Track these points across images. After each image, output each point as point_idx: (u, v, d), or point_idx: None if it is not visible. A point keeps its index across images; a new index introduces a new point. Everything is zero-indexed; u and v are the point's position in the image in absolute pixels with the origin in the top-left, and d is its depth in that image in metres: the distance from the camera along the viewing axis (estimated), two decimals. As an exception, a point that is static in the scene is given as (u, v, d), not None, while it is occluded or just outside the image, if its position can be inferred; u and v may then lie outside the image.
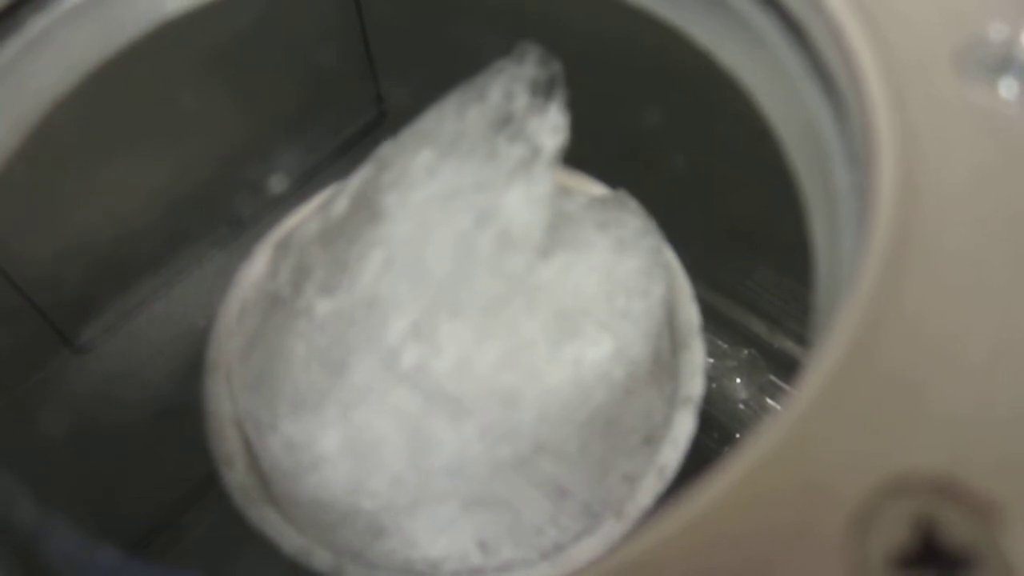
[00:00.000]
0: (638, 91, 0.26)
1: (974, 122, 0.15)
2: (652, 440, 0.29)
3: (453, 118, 0.28)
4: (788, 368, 0.39)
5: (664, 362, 0.30)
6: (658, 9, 0.21)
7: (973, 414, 0.13)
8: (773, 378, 0.41)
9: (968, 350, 0.14)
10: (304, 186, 0.36)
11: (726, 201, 0.31)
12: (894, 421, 0.13)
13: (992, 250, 0.14)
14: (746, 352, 0.41)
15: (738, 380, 0.41)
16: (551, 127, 0.25)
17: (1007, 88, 0.15)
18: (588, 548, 0.28)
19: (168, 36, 0.24)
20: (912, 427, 0.13)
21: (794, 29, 0.18)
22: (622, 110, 0.28)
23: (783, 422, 0.14)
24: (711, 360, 0.41)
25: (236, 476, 0.29)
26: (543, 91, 0.27)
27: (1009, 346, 0.14)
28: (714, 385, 0.41)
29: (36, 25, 0.19)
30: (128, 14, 0.21)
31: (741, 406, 0.41)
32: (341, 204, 0.30)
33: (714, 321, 0.41)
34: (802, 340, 0.37)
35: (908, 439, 0.13)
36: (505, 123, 0.27)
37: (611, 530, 0.28)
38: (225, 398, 0.31)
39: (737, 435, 0.41)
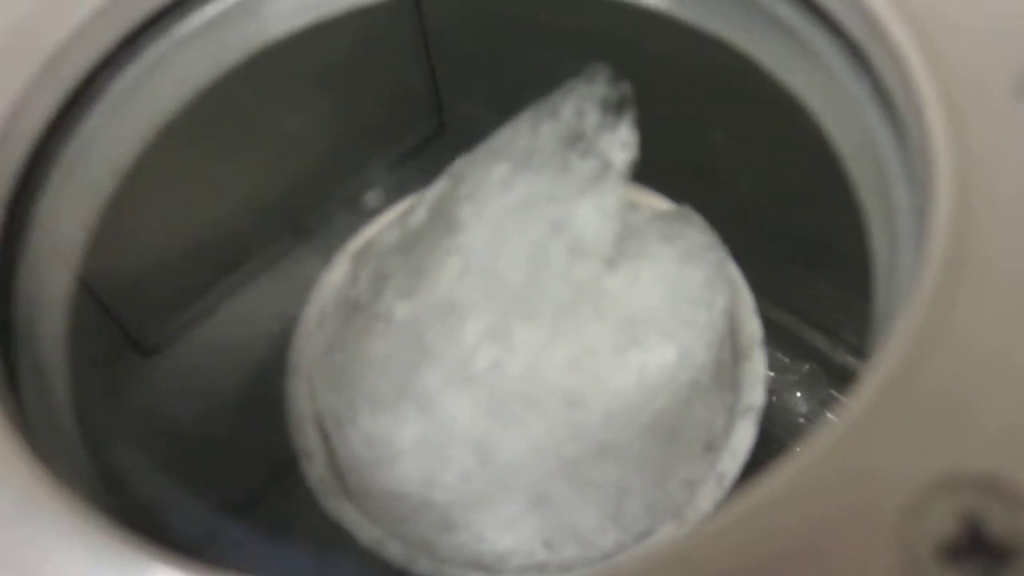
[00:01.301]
0: (706, 112, 0.27)
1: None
2: (712, 448, 0.30)
3: (527, 134, 0.30)
4: (848, 382, 0.39)
5: (725, 372, 0.31)
6: (729, 36, 0.22)
7: (1020, 423, 0.14)
8: (833, 392, 0.41)
9: (1017, 365, 0.15)
10: (367, 195, 0.38)
11: (790, 218, 0.32)
12: (944, 427, 0.14)
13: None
14: (807, 366, 0.42)
15: (798, 394, 0.41)
16: (621, 143, 0.27)
17: None
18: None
19: (262, 58, 0.26)
20: (961, 432, 0.14)
21: (857, 56, 0.19)
22: (690, 130, 0.29)
23: (836, 427, 0.15)
24: (772, 373, 0.42)
25: (316, 470, 0.31)
26: (613, 109, 0.28)
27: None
28: (774, 399, 0.41)
29: (155, 51, 0.22)
30: (235, 37, 0.23)
31: (801, 420, 0.41)
32: (419, 215, 0.31)
33: (776, 335, 0.41)
34: (861, 354, 0.38)
35: (957, 442, 0.14)
36: (577, 139, 0.28)
37: (671, 533, 0.30)
38: (306, 398, 0.32)
39: (797, 448, 0.41)
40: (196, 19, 0.22)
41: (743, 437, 0.29)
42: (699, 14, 0.23)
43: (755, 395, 0.29)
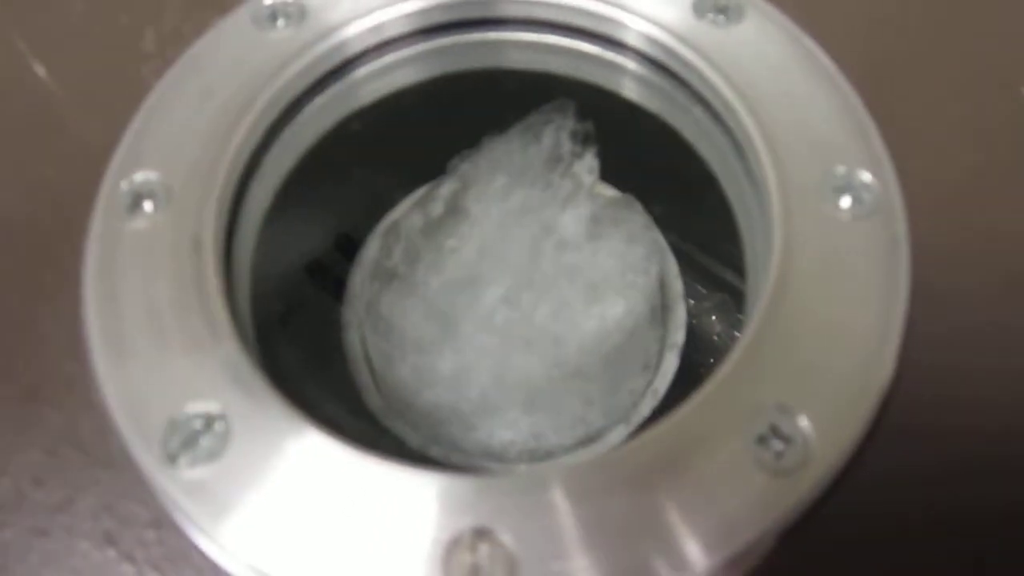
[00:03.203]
0: (647, 143, 0.40)
1: (822, 223, 0.29)
2: (648, 366, 0.44)
3: (518, 153, 0.42)
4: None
5: (657, 315, 0.44)
6: (660, 112, 0.35)
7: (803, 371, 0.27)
8: (740, 316, 0.52)
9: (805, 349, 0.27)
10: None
11: (703, 203, 0.45)
12: (770, 380, 0.27)
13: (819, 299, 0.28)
14: (720, 296, 0.51)
15: (713, 318, 0.51)
16: (588, 168, 0.39)
17: (845, 202, 0.29)
18: (607, 442, 0.42)
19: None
20: (778, 381, 0.27)
21: (736, 145, 0.32)
22: (635, 153, 0.41)
23: (707, 385, 0.27)
24: (692, 302, 0.54)
25: (372, 398, 0.43)
26: (580, 141, 0.40)
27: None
28: (695, 322, 0.48)
29: (314, 105, 0.33)
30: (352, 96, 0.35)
31: (715, 338, 0.51)
32: (437, 207, 0.43)
33: (697, 272, 0.50)
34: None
35: (773, 386, 0.27)
36: (557, 162, 0.41)
37: (621, 431, 0.43)
38: (357, 345, 0.44)
39: (712, 360, 0.53)
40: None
41: (670, 365, 0.42)
42: (646, 97, 0.36)
43: (678, 336, 0.42)
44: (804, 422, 0.26)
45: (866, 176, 0.30)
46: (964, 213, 0.30)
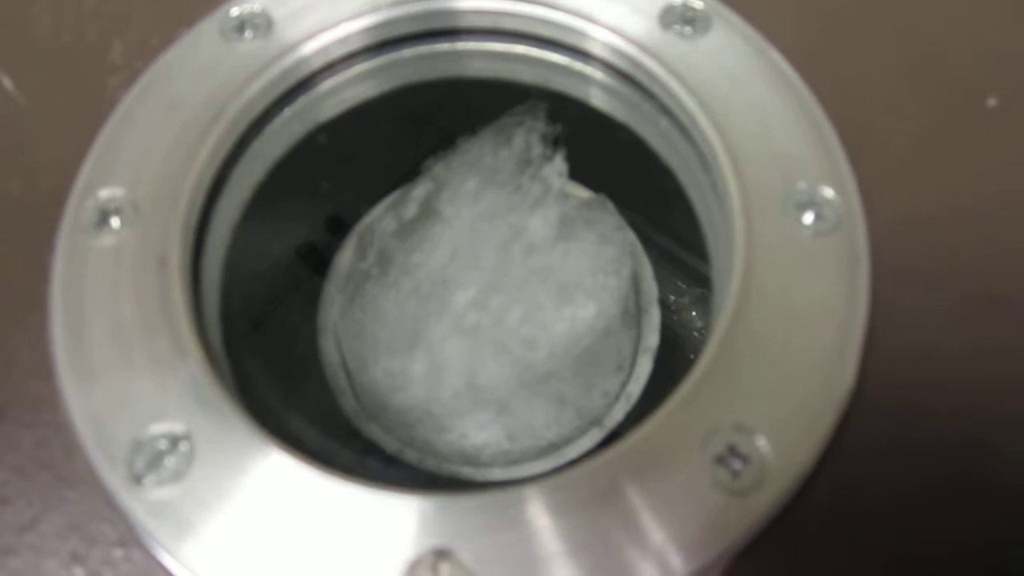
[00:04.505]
0: (613, 155, 0.40)
1: (784, 239, 0.29)
2: (622, 368, 0.44)
3: (490, 155, 0.42)
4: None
5: (631, 316, 0.44)
6: (631, 122, 0.35)
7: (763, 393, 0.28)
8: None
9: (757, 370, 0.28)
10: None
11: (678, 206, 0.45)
12: (727, 396, 0.27)
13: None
14: (699, 291, 0.51)
15: (693, 312, 0.51)
16: (557, 171, 0.39)
17: (807, 218, 0.29)
18: (582, 445, 0.43)
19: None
20: (735, 397, 0.27)
21: (701, 157, 0.32)
22: (609, 161, 0.41)
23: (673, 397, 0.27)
24: (672, 297, 0.54)
25: (348, 402, 0.43)
26: (551, 143, 0.40)
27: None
28: (675, 317, 0.50)
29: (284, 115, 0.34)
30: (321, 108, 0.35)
31: (696, 333, 0.51)
32: (411, 209, 0.44)
33: (677, 268, 0.51)
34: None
35: (730, 404, 0.27)
36: (527, 165, 0.41)
37: (595, 434, 0.43)
38: (334, 349, 0.44)
39: (691, 356, 0.54)
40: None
41: (644, 368, 0.42)
42: (614, 107, 0.36)
43: (652, 339, 0.43)
44: (762, 441, 0.26)
45: (828, 192, 0.30)
46: (926, 229, 0.30)
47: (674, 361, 0.51)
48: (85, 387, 0.27)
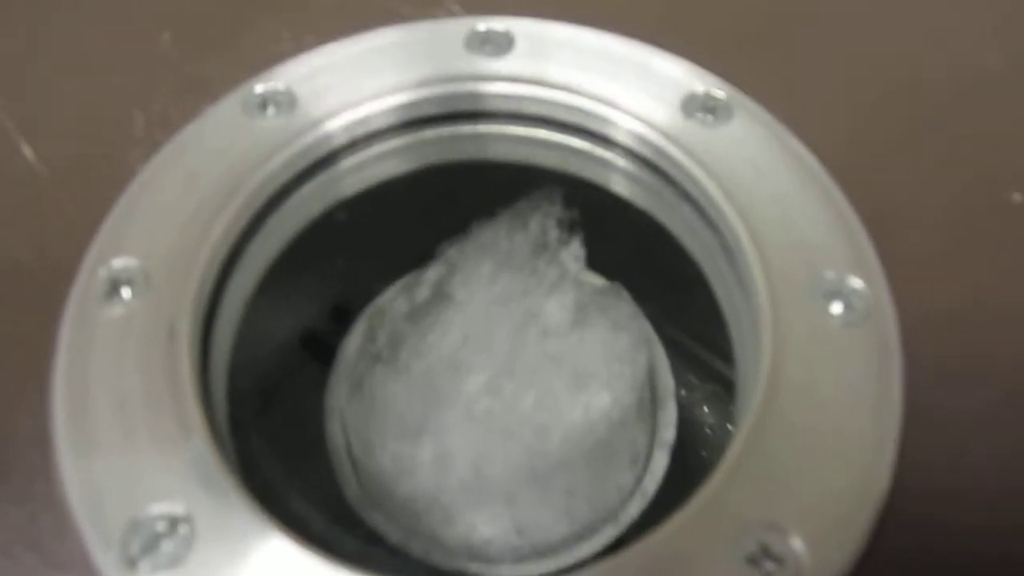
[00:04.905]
0: (632, 242, 0.40)
1: (813, 329, 0.28)
2: (636, 460, 0.43)
3: (505, 239, 0.42)
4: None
5: (646, 407, 0.43)
6: (650, 209, 0.35)
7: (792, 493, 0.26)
8: (732, 408, 0.53)
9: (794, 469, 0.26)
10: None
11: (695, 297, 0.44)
12: (759, 494, 0.25)
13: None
14: (711, 387, 0.50)
15: (705, 408, 0.50)
16: (574, 256, 0.39)
17: (835, 308, 0.29)
18: (594, 543, 0.41)
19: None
20: (766, 495, 0.25)
21: (725, 246, 0.32)
22: (630, 251, 0.41)
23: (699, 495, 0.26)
24: (684, 392, 0.53)
25: (352, 490, 0.42)
26: (567, 228, 0.40)
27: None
28: (686, 413, 0.51)
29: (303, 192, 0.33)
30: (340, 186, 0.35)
31: (708, 430, 0.50)
32: (423, 292, 0.43)
33: (689, 361, 0.50)
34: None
35: (761, 502, 0.25)
36: (543, 249, 0.40)
37: (610, 531, 0.41)
38: (339, 433, 0.43)
39: (703, 453, 0.53)
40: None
41: (659, 463, 0.41)
42: (635, 194, 0.36)
43: (668, 433, 0.41)
44: (796, 542, 0.25)
45: (857, 282, 0.29)
46: (957, 324, 0.29)
47: (686, 457, 0.50)
48: (83, 460, 0.26)
